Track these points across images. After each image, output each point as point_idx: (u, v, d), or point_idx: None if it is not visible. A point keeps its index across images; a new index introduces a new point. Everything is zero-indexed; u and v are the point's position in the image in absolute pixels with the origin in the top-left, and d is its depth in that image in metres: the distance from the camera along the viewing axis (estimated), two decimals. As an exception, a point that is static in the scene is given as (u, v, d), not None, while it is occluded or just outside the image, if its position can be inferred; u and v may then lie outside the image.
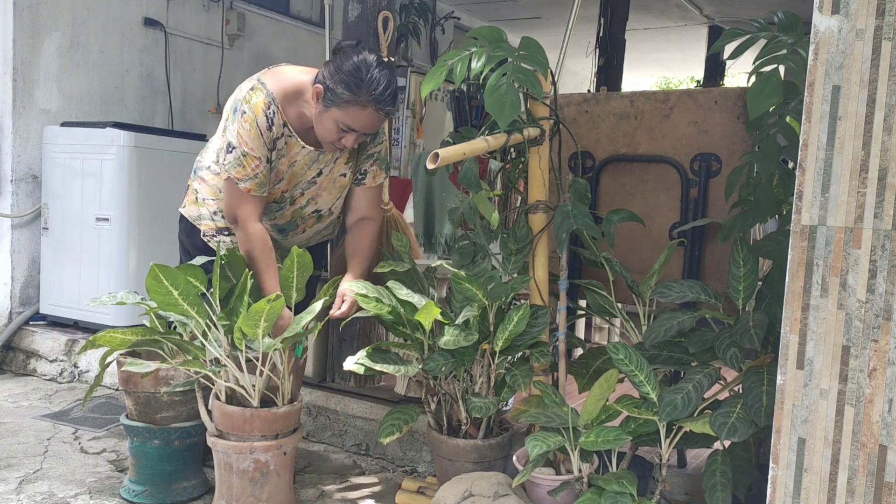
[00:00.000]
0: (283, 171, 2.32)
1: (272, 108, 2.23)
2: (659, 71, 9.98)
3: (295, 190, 2.37)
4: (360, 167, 2.45)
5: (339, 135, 2.22)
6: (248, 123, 2.20)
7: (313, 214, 2.45)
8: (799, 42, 1.84)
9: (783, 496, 1.43)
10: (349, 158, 2.41)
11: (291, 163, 2.32)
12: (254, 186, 2.24)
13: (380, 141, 2.44)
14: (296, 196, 2.39)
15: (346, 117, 2.17)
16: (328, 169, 2.37)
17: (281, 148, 2.29)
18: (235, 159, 2.22)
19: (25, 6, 3.78)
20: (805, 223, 1.39)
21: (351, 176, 2.44)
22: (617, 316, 2.25)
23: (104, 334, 2.08)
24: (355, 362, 2.10)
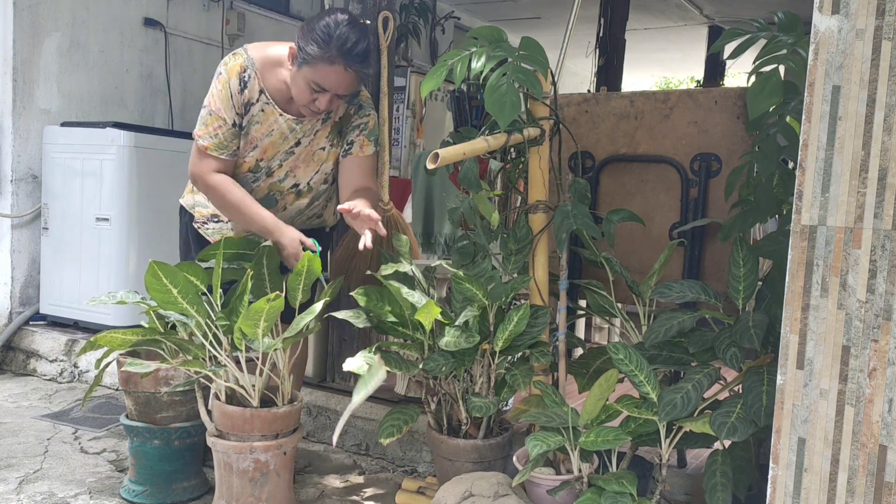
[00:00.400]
0: (258, 138, 2.31)
1: (248, 72, 2.25)
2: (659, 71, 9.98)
3: (272, 161, 2.35)
4: (347, 138, 2.41)
5: (311, 95, 2.20)
6: (221, 84, 2.23)
7: (292, 189, 2.40)
8: (799, 42, 1.84)
9: (783, 496, 1.43)
10: (331, 131, 2.38)
11: (269, 131, 2.30)
12: (211, 146, 2.25)
13: (366, 113, 2.41)
14: (273, 168, 2.36)
15: (315, 75, 2.16)
16: (307, 140, 2.35)
17: (256, 114, 2.28)
18: (202, 118, 2.26)
19: (25, 6, 3.79)
20: (805, 223, 1.39)
21: (331, 150, 2.40)
22: (617, 316, 2.25)
23: (104, 335, 2.08)
24: (356, 363, 2.09)
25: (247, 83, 2.25)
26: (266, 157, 2.34)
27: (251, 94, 2.26)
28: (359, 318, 2.17)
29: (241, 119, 2.27)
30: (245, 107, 2.27)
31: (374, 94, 3.02)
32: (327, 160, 2.40)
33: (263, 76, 2.26)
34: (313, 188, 2.43)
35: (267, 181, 2.37)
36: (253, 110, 2.28)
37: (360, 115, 2.41)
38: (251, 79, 2.25)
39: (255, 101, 2.27)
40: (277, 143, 2.33)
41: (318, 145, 2.38)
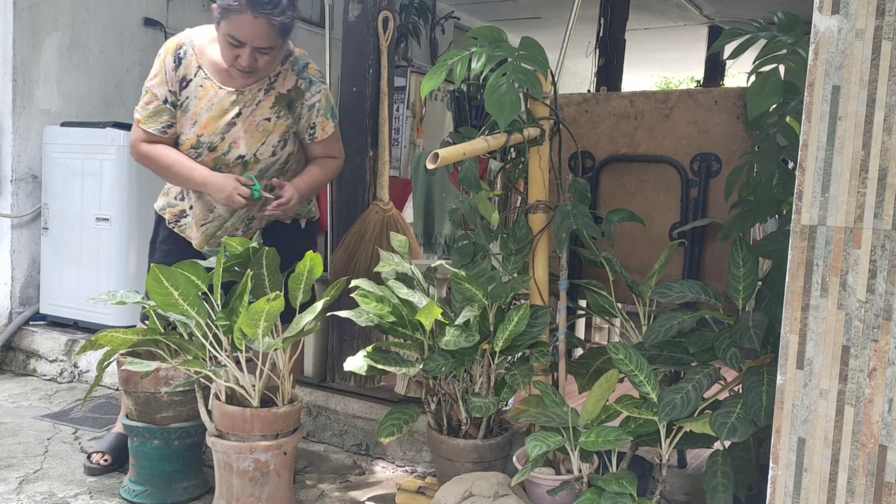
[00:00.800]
0: (198, 113, 2.35)
1: (184, 49, 2.35)
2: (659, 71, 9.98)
3: (214, 136, 2.36)
4: (310, 122, 2.44)
5: (233, 52, 2.24)
6: (158, 63, 2.36)
7: (237, 161, 2.39)
8: (799, 42, 1.84)
9: (783, 496, 1.43)
10: (276, 103, 2.39)
11: (209, 105, 2.34)
12: (143, 118, 2.36)
13: (318, 90, 2.43)
14: (215, 142, 2.37)
15: (230, 27, 2.20)
16: (248, 111, 2.36)
17: (195, 89, 2.35)
18: (142, 94, 2.38)
19: (25, 6, 3.78)
20: (805, 223, 1.39)
21: (278, 122, 2.40)
22: (617, 316, 2.25)
23: (105, 335, 2.08)
24: (355, 363, 2.10)
25: (182, 59, 2.34)
26: (207, 131, 2.36)
27: (187, 71, 2.35)
28: (361, 317, 2.17)
29: (174, 96, 2.35)
30: (181, 83, 2.35)
31: (374, 95, 3.03)
32: (273, 132, 2.40)
33: (202, 53, 2.35)
34: (260, 159, 2.41)
35: (210, 155, 2.38)
36: (191, 86, 2.35)
37: (312, 91, 2.43)
38: (187, 55, 2.35)
39: (192, 77, 2.35)
40: (217, 116, 2.35)
41: (262, 116, 2.38)
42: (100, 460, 2.53)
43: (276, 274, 2.22)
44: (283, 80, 2.40)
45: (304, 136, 2.47)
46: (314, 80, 2.44)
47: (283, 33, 2.26)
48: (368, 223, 2.96)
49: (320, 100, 2.44)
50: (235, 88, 2.35)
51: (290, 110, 2.41)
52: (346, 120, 3.06)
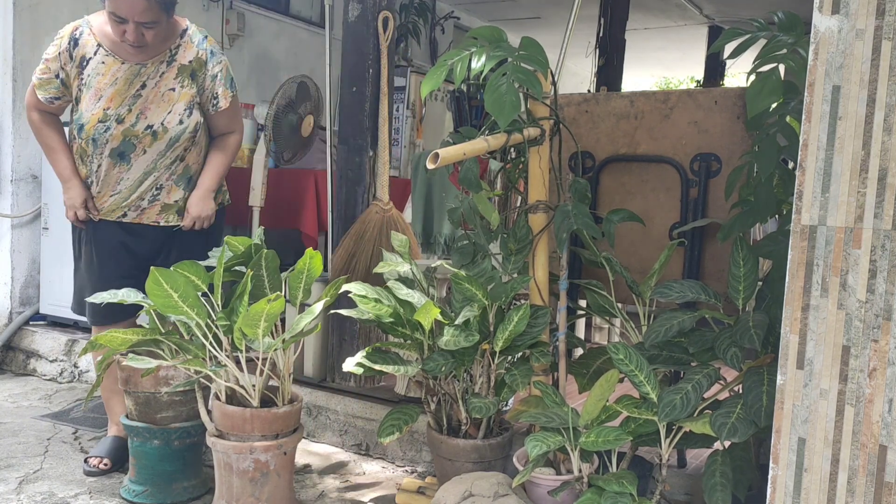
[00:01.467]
0: (102, 88, 2.47)
1: (80, 30, 2.50)
2: (659, 71, 9.99)
3: (121, 108, 2.47)
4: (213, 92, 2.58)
5: (119, 28, 2.38)
6: (56, 42, 2.51)
7: (147, 132, 2.49)
8: (799, 42, 1.84)
9: (783, 496, 1.43)
10: (179, 73, 2.53)
11: (113, 80, 2.47)
12: (38, 83, 2.52)
13: (218, 60, 2.59)
14: (122, 114, 2.47)
15: (111, 5, 2.35)
16: (153, 82, 2.50)
17: (96, 66, 2.47)
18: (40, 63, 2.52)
19: (25, 6, 3.78)
20: (805, 223, 1.39)
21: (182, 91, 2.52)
22: (617, 316, 2.25)
23: (105, 335, 2.08)
24: (355, 363, 2.10)
25: (78, 40, 2.49)
26: (113, 105, 2.47)
27: (85, 51, 2.48)
28: (362, 315, 2.16)
29: (65, 74, 2.49)
30: (80, 63, 2.48)
31: (374, 95, 3.03)
32: (179, 100, 2.53)
33: (101, 32, 2.49)
34: (168, 128, 2.51)
35: (119, 128, 2.48)
36: (92, 63, 2.48)
37: (213, 62, 2.59)
38: (83, 35, 2.49)
39: (91, 56, 2.48)
40: (123, 90, 2.48)
41: (167, 86, 2.52)
42: (98, 465, 2.53)
43: (276, 274, 2.22)
44: (183, 52, 2.55)
45: (207, 108, 2.60)
46: (214, 51, 2.60)
47: (164, 7, 2.42)
48: (368, 223, 2.96)
49: (221, 70, 2.59)
50: (138, 62, 2.49)
51: (193, 79, 2.55)
52: (346, 120, 3.06)
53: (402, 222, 3.06)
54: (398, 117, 5.38)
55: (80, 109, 2.48)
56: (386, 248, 2.65)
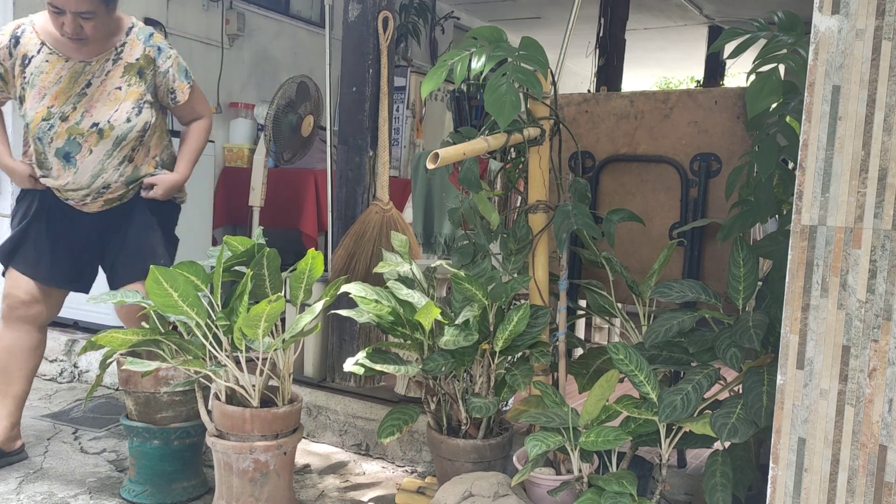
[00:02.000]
0: (46, 87, 2.46)
1: (22, 28, 2.48)
2: (659, 71, 9.99)
3: (65, 106, 2.47)
4: (168, 88, 2.60)
5: (58, 20, 2.38)
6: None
7: (92, 129, 2.48)
8: (799, 42, 1.84)
9: (783, 496, 1.43)
10: (125, 72, 2.52)
11: (57, 78, 2.46)
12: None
13: (167, 55, 2.59)
14: (67, 112, 2.46)
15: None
16: (98, 80, 2.49)
17: (40, 65, 2.46)
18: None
19: (25, 6, 3.78)
20: (805, 223, 1.39)
21: (129, 90, 2.52)
22: (617, 316, 2.25)
23: (105, 335, 2.08)
24: (355, 363, 2.10)
25: (19, 38, 2.47)
26: (57, 103, 2.47)
27: (27, 48, 2.47)
28: (362, 316, 2.17)
29: (4, 69, 2.49)
30: (23, 61, 2.46)
31: (374, 95, 3.03)
32: (126, 99, 2.52)
33: (44, 31, 2.47)
34: (114, 126, 2.50)
35: (64, 126, 2.47)
36: (35, 62, 2.46)
37: (162, 58, 2.58)
38: (25, 33, 2.47)
39: (34, 54, 2.47)
40: (67, 87, 2.47)
41: (113, 85, 2.51)
42: None
43: (278, 274, 2.22)
44: (130, 50, 2.54)
45: (167, 102, 2.63)
46: (162, 48, 2.59)
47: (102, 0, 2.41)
48: (368, 223, 2.97)
49: (172, 65, 2.60)
50: (82, 59, 2.48)
51: (140, 77, 2.55)
52: (346, 120, 3.06)
53: (402, 222, 3.06)
54: (398, 117, 5.38)
55: (24, 108, 2.49)
56: (386, 248, 2.65)
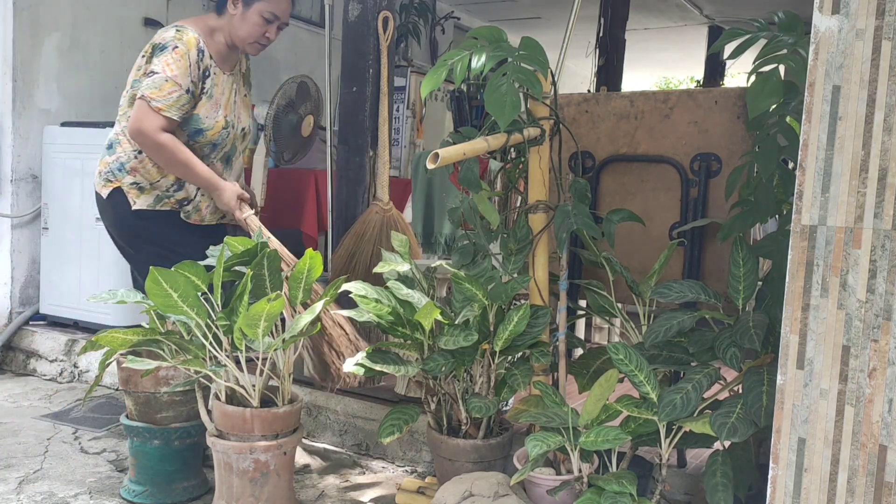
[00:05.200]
0: (219, 99, 2.62)
1: (201, 43, 2.55)
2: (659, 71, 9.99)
3: (231, 115, 2.67)
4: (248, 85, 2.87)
5: (263, 29, 2.59)
6: (179, 55, 2.47)
7: (241, 133, 2.74)
8: (799, 42, 1.84)
9: (783, 496, 1.43)
10: (244, 81, 2.81)
11: (223, 90, 2.63)
12: (165, 107, 2.45)
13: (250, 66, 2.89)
14: (232, 120, 2.67)
15: (269, 6, 2.57)
16: (237, 89, 2.72)
17: (213, 77, 2.59)
18: (154, 82, 2.44)
19: (25, 6, 3.78)
20: (805, 223, 1.39)
21: (248, 95, 2.83)
22: (617, 316, 2.25)
23: (105, 335, 2.08)
24: (355, 363, 2.10)
25: (202, 53, 2.54)
26: (228, 112, 2.65)
27: (207, 62, 2.56)
28: (362, 316, 2.17)
29: (195, 87, 2.53)
30: (203, 74, 2.55)
31: (374, 95, 3.03)
32: (248, 106, 2.81)
33: (209, 45, 2.58)
34: (248, 132, 2.81)
35: (232, 132, 2.68)
36: (210, 75, 2.58)
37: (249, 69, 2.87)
38: (204, 48, 2.56)
39: (210, 68, 2.58)
40: (230, 98, 2.67)
41: (242, 92, 2.78)
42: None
43: (278, 274, 2.22)
44: (242, 61, 2.79)
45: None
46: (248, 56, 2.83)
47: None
48: (368, 223, 2.96)
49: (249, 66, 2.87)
50: (228, 72, 2.67)
51: (248, 86, 2.84)
52: (346, 120, 3.06)
53: (402, 222, 3.06)
54: (398, 117, 5.38)
55: (197, 116, 2.54)
56: (386, 248, 2.65)
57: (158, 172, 2.55)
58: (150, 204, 2.58)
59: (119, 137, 2.59)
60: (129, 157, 2.55)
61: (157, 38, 2.52)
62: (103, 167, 2.60)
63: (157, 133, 2.44)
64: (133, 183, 2.55)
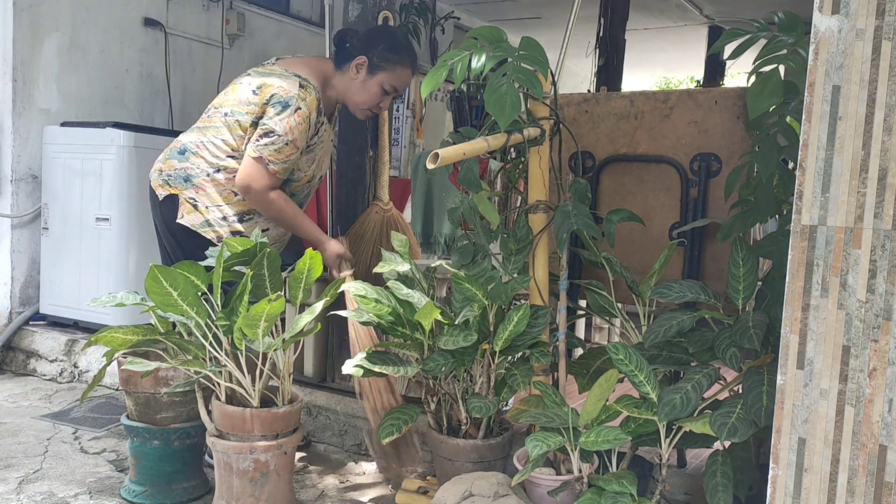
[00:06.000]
0: (318, 152, 2.61)
1: (320, 103, 2.52)
2: (659, 71, 9.99)
3: (319, 170, 2.69)
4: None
5: (380, 98, 2.59)
6: (302, 118, 2.44)
7: (319, 179, 2.75)
8: (799, 42, 1.84)
9: (783, 496, 1.43)
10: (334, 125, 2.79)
11: (322, 141, 2.61)
12: (280, 170, 2.45)
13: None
14: (318, 173, 2.69)
15: (392, 79, 2.56)
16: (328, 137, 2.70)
17: (321, 133, 2.58)
18: (274, 144, 2.41)
19: (25, 6, 3.78)
20: (805, 223, 1.39)
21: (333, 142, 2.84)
22: (617, 316, 2.25)
23: (105, 334, 2.08)
24: (354, 365, 2.10)
25: (321, 111, 2.54)
26: (319, 165, 2.67)
27: (321, 119, 2.56)
28: (362, 316, 2.17)
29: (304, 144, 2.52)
30: (315, 132, 2.54)
31: (374, 94, 3.03)
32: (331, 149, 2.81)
33: (321, 98, 2.55)
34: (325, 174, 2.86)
35: (313, 183, 2.70)
36: (318, 132, 2.57)
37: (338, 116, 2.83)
38: (322, 107, 2.54)
39: (322, 125, 2.58)
40: (327, 149, 2.69)
41: (330, 138, 2.73)
42: None
43: (278, 274, 2.22)
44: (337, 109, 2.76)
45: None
46: None
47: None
48: (368, 223, 2.96)
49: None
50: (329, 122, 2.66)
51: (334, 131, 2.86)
52: (346, 120, 3.06)
53: (402, 222, 3.06)
54: (398, 117, 5.38)
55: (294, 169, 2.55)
56: (386, 248, 2.65)
57: (221, 198, 2.50)
58: (195, 224, 2.50)
59: (196, 149, 2.51)
60: (199, 174, 2.50)
61: (278, 87, 2.44)
62: (167, 168, 2.54)
63: (267, 191, 2.44)
64: (191, 198, 2.50)
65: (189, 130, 2.60)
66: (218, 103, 2.56)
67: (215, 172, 2.49)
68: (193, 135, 2.55)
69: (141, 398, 2.31)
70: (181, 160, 2.52)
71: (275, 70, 2.52)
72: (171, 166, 2.54)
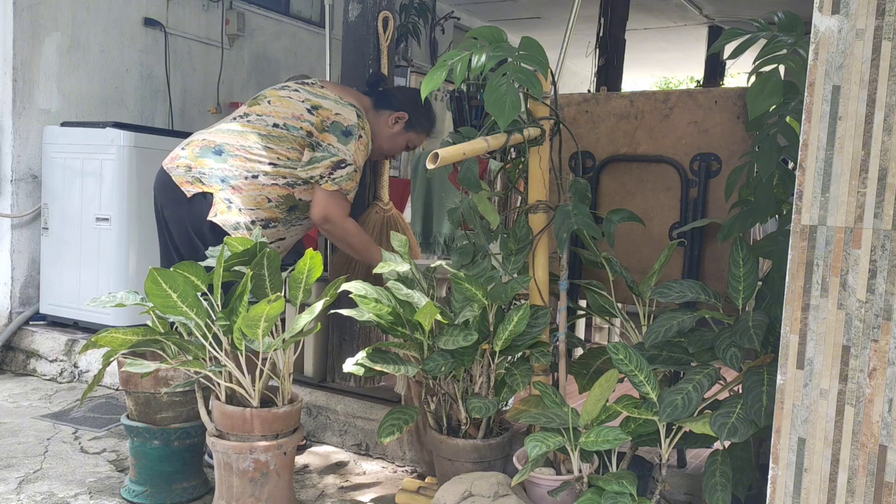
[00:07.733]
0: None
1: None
2: (659, 71, 9.98)
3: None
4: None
5: (401, 150, 2.89)
6: (363, 145, 2.63)
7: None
8: (799, 42, 1.84)
9: (783, 496, 1.43)
10: None
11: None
12: (352, 196, 2.66)
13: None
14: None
15: (417, 140, 2.87)
16: None
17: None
18: (348, 174, 2.59)
19: (25, 6, 3.78)
20: (805, 223, 1.39)
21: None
22: (617, 316, 2.25)
23: (106, 334, 2.08)
24: (355, 363, 2.09)
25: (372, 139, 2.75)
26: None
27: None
28: (362, 316, 2.17)
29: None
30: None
31: (374, 94, 3.03)
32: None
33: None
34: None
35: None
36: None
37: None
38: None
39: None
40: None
41: None
42: None
43: (278, 274, 2.22)
44: None
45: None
46: None
47: None
48: (368, 223, 2.96)
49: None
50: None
51: None
52: (346, 120, 3.06)
53: (402, 222, 3.06)
54: (398, 117, 5.37)
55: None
56: (386, 248, 2.65)
57: (254, 203, 2.54)
58: (227, 224, 2.52)
59: (236, 153, 2.55)
60: (237, 176, 2.53)
61: (336, 114, 2.59)
62: (198, 166, 2.55)
63: (344, 220, 2.62)
64: (227, 199, 2.52)
65: (218, 131, 2.61)
66: (262, 112, 2.61)
67: (253, 177, 2.53)
68: (230, 137, 2.58)
69: (141, 398, 2.32)
70: (218, 160, 2.55)
71: (328, 94, 2.64)
72: (204, 164, 2.54)
